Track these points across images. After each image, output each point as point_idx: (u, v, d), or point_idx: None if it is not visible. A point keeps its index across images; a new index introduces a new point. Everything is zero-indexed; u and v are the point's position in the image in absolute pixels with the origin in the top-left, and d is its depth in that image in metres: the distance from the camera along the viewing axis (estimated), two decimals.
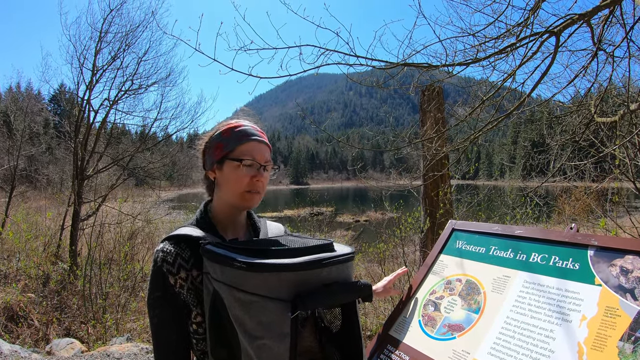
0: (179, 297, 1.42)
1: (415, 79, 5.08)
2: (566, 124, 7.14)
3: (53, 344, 6.12)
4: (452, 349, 1.75)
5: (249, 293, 1.18)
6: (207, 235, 1.46)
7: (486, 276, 1.92)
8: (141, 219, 11.83)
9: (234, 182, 1.52)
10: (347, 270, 1.37)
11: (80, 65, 10.58)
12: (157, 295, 1.42)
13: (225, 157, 1.52)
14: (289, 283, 1.19)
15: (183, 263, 1.42)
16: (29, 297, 7.63)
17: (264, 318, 1.18)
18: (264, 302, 1.18)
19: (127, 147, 12.43)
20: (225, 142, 1.53)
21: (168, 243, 1.45)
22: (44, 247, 10.09)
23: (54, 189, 19.18)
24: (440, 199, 6.36)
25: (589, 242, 1.68)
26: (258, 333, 1.18)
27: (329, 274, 1.28)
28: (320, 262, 1.25)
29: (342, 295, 1.33)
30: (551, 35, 3.95)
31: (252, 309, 1.18)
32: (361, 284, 1.36)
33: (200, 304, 1.43)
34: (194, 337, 1.47)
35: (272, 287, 1.18)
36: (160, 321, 1.42)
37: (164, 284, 1.41)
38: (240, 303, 1.20)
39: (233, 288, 1.21)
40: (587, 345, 1.42)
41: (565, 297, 1.60)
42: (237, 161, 1.50)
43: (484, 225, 2.17)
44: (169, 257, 1.41)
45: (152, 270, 1.44)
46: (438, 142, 5.74)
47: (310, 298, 1.20)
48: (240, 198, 1.53)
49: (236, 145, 1.52)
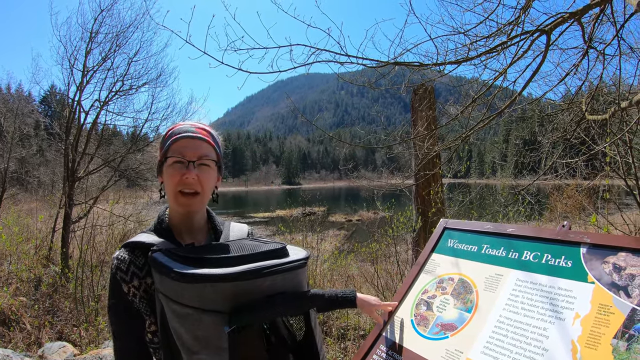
0: (133, 305, 1.39)
1: (406, 78, 5.07)
2: (557, 122, 7.17)
3: (45, 347, 6.07)
4: (445, 348, 1.74)
5: (183, 305, 1.15)
6: (161, 242, 1.42)
7: (479, 275, 1.91)
8: (133, 220, 11.76)
9: (167, 183, 1.47)
10: (297, 279, 1.31)
11: (71, 66, 10.52)
12: (112, 303, 1.41)
13: (165, 157, 1.47)
14: (225, 294, 1.13)
15: (136, 271, 1.39)
16: (21, 301, 7.56)
17: (199, 332, 1.14)
18: (198, 315, 1.13)
19: (118, 149, 12.37)
20: (162, 144, 1.51)
21: (124, 250, 1.42)
22: (36, 249, 10.02)
23: (45, 191, 19.07)
24: (432, 197, 6.37)
25: (582, 239, 1.68)
26: (195, 348, 1.15)
27: (273, 284, 1.22)
28: (259, 271, 1.19)
29: (285, 308, 1.25)
30: (542, 33, 3.97)
31: (188, 322, 1.15)
32: (311, 295, 1.31)
33: (154, 312, 1.39)
34: (150, 347, 1.44)
35: (207, 299, 1.13)
36: (118, 328, 1.40)
37: (118, 292, 1.39)
38: (176, 315, 1.16)
39: (169, 299, 1.18)
40: (581, 344, 1.41)
41: (558, 295, 1.59)
42: (165, 160, 1.47)
43: (475, 224, 2.16)
44: (122, 265, 1.39)
45: (109, 278, 1.42)
46: (430, 141, 5.75)
47: (247, 311, 1.14)
48: (174, 200, 1.47)
49: (169, 146, 1.47)
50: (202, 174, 1.46)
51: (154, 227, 1.53)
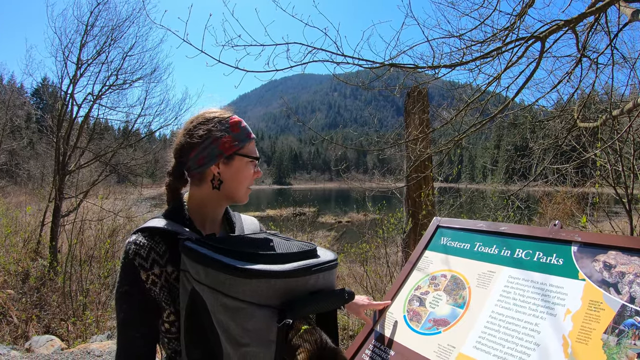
0: (149, 294, 1.35)
1: (400, 81, 5.10)
2: (549, 129, 7.24)
3: (32, 340, 6.03)
4: (438, 343, 1.76)
5: (237, 299, 1.14)
6: (187, 231, 1.41)
7: (471, 272, 1.94)
8: (122, 216, 11.69)
9: (244, 178, 1.52)
10: (332, 277, 1.34)
11: (65, 58, 10.51)
12: (126, 290, 1.35)
13: (236, 153, 1.48)
14: (277, 290, 1.16)
15: (157, 258, 1.36)
16: (8, 294, 7.51)
17: (250, 325, 1.14)
18: (251, 309, 1.14)
19: (109, 143, 12.31)
20: (235, 136, 1.49)
21: (141, 235, 1.37)
22: (24, 243, 9.94)
23: (34, 185, 18.94)
24: (423, 200, 6.41)
25: (573, 238, 1.71)
26: (244, 340, 1.15)
27: (316, 282, 1.25)
28: (309, 269, 1.22)
29: (328, 303, 1.29)
30: (537, 40, 4.00)
31: (239, 315, 1.15)
32: (346, 293, 1.33)
33: (174, 302, 1.38)
34: (165, 337, 1.42)
35: (262, 294, 1.14)
36: (127, 316, 1.35)
37: (134, 279, 1.34)
38: (226, 308, 1.16)
39: (218, 292, 1.17)
40: (572, 338, 1.44)
41: (549, 291, 1.62)
42: (251, 158, 1.52)
43: (469, 222, 2.18)
44: (142, 251, 1.34)
45: (122, 263, 1.36)
46: (422, 144, 5.78)
47: (299, 305, 1.17)
48: (244, 194, 1.55)
49: (246, 143, 1.51)
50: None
51: (170, 214, 1.49)
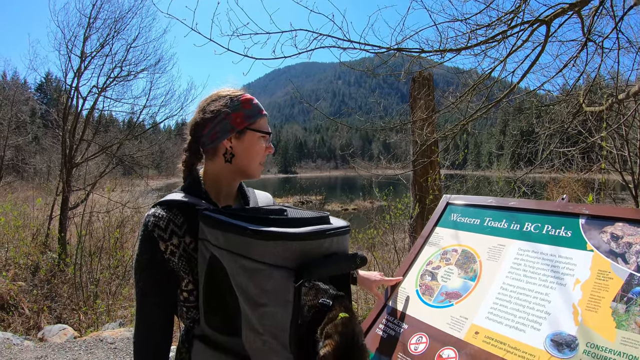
0: (168, 264, 1.42)
1: (405, 66, 5.12)
2: (555, 114, 7.22)
3: (45, 330, 6.11)
4: (450, 315, 1.81)
5: (255, 261, 1.19)
6: (204, 203, 1.47)
7: (481, 246, 1.98)
8: (130, 207, 11.75)
9: (255, 153, 1.57)
10: (345, 243, 1.39)
11: (69, 51, 10.50)
12: (145, 259, 1.42)
13: (247, 128, 1.54)
14: (294, 252, 1.20)
15: (175, 229, 1.42)
16: (20, 286, 7.59)
17: (268, 286, 1.19)
18: (269, 271, 1.18)
19: (115, 135, 12.35)
20: (247, 112, 1.55)
21: (160, 208, 1.43)
22: (33, 236, 10.01)
23: (41, 179, 19.01)
24: (429, 184, 6.42)
25: (581, 211, 1.75)
26: (262, 300, 1.20)
27: (330, 245, 1.30)
28: (324, 232, 1.27)
29: (342, 265, 1.35)
30: (542, 24, 4.01)
31: (257, 276, 1.19)
32: (359, 257, 1.38)
33: (192, 271, 1.44)
34: (184, 305, 1.48)
35: (278, 255, 1.18)
36: (146, 285, 1.42)
37: (153, 249, 1.40)
38: (245, 270, 1.21)
39: (238, 255, 1.22)
40: (582, 307, 1.49)
41: (558, 262, 1.67)
42: (263, 133, 1.56)
43: (478, 198, 2.23)
44: (161, 222, 1.40)
45: (141, 235, 1.43)
46: (428, 128, 5.80)
47: (314, 266, 1.22)
48: (256, 168, 1.59)
49: (257, 118, 1.56)
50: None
51: (187, 188, 1.55)
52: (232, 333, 1.28)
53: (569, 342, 1.44)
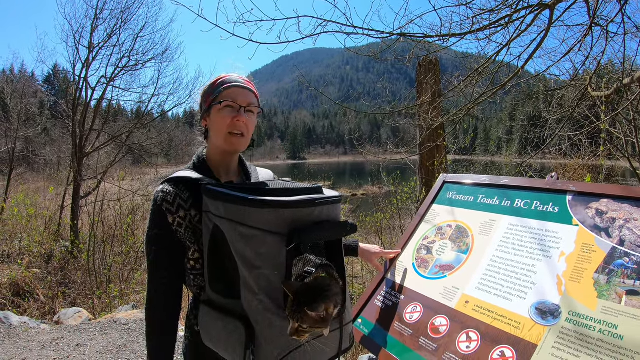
0: (176, 235, 1.53)
1: (411, 50, 5.15)
2: (562, 98, 7.21)
3: (61, 313, 6.27)
4: (444, 286, 1.91)
5: (251, 227, 1.30)
6: (206, 178, 1.57)
7: (474, 221, 2.07)
8: (141, 195, 11.89)
9: (218, 125, 1.63)
10: (335, 211, 1.50)
11: (77, 43, 10.61)
12: (155, 233, 1.54)
13: (212, 103, 1.64)
14: (285, 219, 1.32)
15: (182, 203, 1.53)
16: (34, 273, 7.75)
17: (263, 250, 1.31)
18: (263, 236, 1.30)
19: (124, 124, 12.46)
20: (211, 91, 1.67)
21: (168, 184, 1.55)
22: (45, 226, 10.18)
23: (51, 170, 19.21)
24: (436, 168, 6.48)
25: (568, 188, 1.83)
26: (257, 263, 1.31)
27: (320, 213, 1.41)
28: (313, 201, 1.39)
29: (332, 232, 1.47)
30: (545, 8, 4.03)
31: (253, 241, 1.31)
32: (349, 224, 1.50)
33: (198, 242, 1.56)
34: (191, 273, 1.60)
35: (271, 222, 1.30)
36: (156, 257, 1.54)
37: (162, 222, 1.52)
38: (242, 236, 1.32)
39: (236, 223, 1.33)
40: (566, 278, 1.57)
41: (545, 236, 1.75)
42: (219, 103, 1.63)
43: (472, 177, 2.31)
44: (169, 197, 1.52)
45: (151, 209, 1.55)
46: (434, 112, 5.85)
47: (304, 232, 1.34)
48: (224, 140, 1.64)
49: (221, 92, 1.64)
50: (249, 119, 1.66)
51: (193, 165, 1.69)
52: (233, 296, 1.39)
53: (552, 311, 1.52)
